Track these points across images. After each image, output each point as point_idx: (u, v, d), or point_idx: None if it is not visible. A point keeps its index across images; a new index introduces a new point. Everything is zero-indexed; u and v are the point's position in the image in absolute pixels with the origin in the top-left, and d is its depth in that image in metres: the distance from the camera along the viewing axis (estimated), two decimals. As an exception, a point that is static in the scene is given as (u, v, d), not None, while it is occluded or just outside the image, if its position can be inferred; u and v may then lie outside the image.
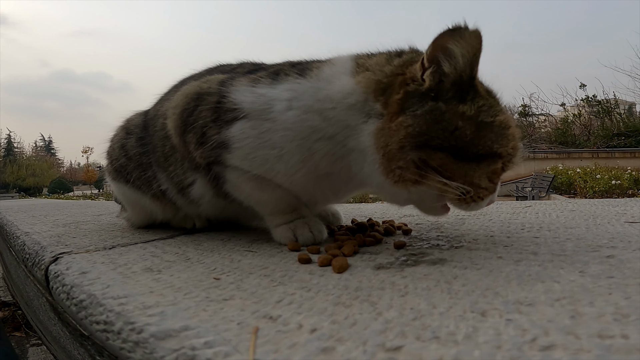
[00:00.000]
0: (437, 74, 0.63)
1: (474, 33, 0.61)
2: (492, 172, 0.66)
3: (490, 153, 0.64)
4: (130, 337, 0.42)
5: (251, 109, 0.73)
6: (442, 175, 0.63)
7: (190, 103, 0.80)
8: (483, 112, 0.63)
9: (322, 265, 0.61)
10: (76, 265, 0.70)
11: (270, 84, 0.74)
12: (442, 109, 0.63)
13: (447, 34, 0.61)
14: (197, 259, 0.71)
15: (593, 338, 0.31)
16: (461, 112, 0.63)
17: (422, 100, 0.64)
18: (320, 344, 0.34)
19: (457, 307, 0.40)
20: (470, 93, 0.64)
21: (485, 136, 0.63)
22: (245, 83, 0.76)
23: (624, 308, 0.37)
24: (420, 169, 0.63)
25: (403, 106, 0.64)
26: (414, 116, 0.63)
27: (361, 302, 0.44)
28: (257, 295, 0.49)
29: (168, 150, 0.90)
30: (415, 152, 0.62)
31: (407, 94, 0.64)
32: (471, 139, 0.62)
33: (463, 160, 0.63)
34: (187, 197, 0.93)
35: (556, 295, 0.42)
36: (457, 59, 0.62)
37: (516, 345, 0.31)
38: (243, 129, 0.73)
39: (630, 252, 0.60)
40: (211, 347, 0.35)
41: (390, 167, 0.64)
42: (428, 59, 0.63)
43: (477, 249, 0.68)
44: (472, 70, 0.64)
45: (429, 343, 0.33)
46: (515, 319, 0.36)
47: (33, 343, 1.28)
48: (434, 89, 0.63)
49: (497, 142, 0.64)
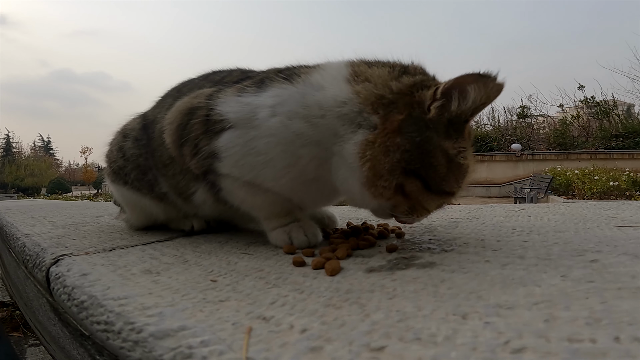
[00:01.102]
0: (444, 108, 0.65)
1: (497, 86, 0.63)
2: (442, 203, 0.74)
3: (450, 191, 0.69)
4: (130, 336, 0.44)
5: (237, 118, 0.76)
6: (407, 198, 0.68)
7: (184, 118, 0.84)
8: (459, 154, 0.67)
9: (315, 268, 0.63)
10: (77, 267, 0.71)
11: (255, 92, 0.77)
12: (434, 141, 0.66)
13: (475, 76, 0.63)
14: (194, 261, 0.73)
15: (562, 342, 0.33)
16: (445, 149, 0.66)
17: (421, 127, 0.66)
18: (310, 343, 0.37)
19: (441, 310, 0.42)
20: (457, 133, 0.67)
21: (453, 176, 0.68)
22: (231, 94, 0.79)
23: (598, 312, 0.39)
24: (396, 191, 0.67)
25: (402, 127, 0.66)
26: (412, 142, 0.65)
27: (351, 304, 0.46)
28: (252, 296, 0.51)
29: (166, 159, 0.93)
30: (402, 177, 0.66)
31: (409, 116, 0.66)
32: (443, 176, 0.67)
33: (429, 191, 0.68)
34: (189, 202, 0.96)
35: (535, 299, 0.44)
36: (467, 101, 0.65)
37: (490, 347, 0.33)
38: (230, 139, 0.76)
39: (615, 256, 0.62)
40: (207, 346, 0.38)
41: (375, 182, 0.67)
42: (443, 91, 0.65)
43: (466, 252, 0.70)
44: (472, 115, 0.67)
45: (410, 344, 0.35)
46: (493, 322, 0.38)
47: (31, 343, 1.29)
48: (435, 121, 0.66)
49: (457, 182, 0.69)
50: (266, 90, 0.76)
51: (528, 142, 14.92)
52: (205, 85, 0.91)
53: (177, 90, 1.02)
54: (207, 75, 1.01)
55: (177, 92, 1.00)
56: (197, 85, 0.96)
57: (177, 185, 0.94)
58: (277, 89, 0.75)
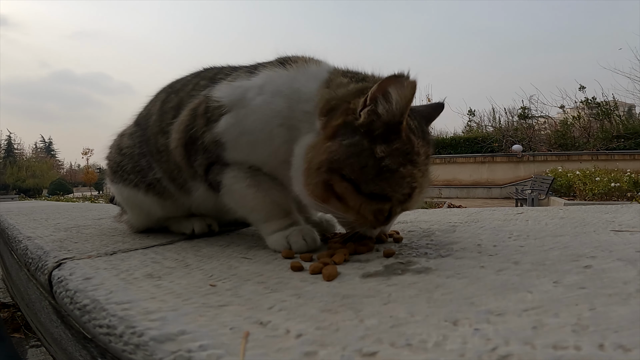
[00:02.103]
0: (374, 113, 0.69)
1: (411, 83, 0.66)
2: (377, 209, 0.73)
3: (381, 194, 0.71)
4: (131, 340, 0.45)
5: (230, 101, 0.81)
6: (341, 200, 0.71)
7: (190, 119, 0.88)
8: (390, 158, 0.69)
9: (313, 273, 0.64)
10: (79, 271, 0.73)
11: (247, 76, 0.83)
12: (363, 145, 0.69)
13: (392, 78, 0.67)
14: (196, 265, 0.74)
15: (547, 349, 0.34)
16: (374, 152, 0.69)
17: (353, 132, 0.70)
18: (304, 348, 0.38)
19: (433, 316, 0.44)
20: (392, 137, 0.70)
21: (384, 180, 0.69)
22: (225, 82, 0.85)
23: (586, 319, 0.40)
24: (327, 191, 0.71)
25: (337, 133, 0.71)
26: (340, 144, 0.70)
27: (347, 310, 0.47)
28: (252, 301, 0.52)
29: (160, 146, 0.98)
30: (327, 174, 0.69)
31: (344, 123, 0.71)
32: (371, 178, 0.69)
33: (360, 194, 0.70)
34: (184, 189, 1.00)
35: (526, 306, 0.45)
36: (391, 103, 0.67)
37: (477, 354, 0.34)
38: (227, 121, 0.81)
39: (610, 262, 0.63)
40: (205, 350, 0.39)
41: (307, 181, 0.72)
42: (370, 97, 0.69)
43: (463, 257, 0.71)
44: (401, 116, 0.68)
45: (401, 350, 0.36)
46: (482, 328, 0.39)
47: (32, 344, 1.30)
48: (365, 126, 0.69)
49: (392, 187, 0.70)
50: (257, 74, 0.82)
51: (529, 143, 14.92)
52: (200, 83, 0.95)
53: (170, 87, 1.06)
54: (198, 73, 1.04)
55: (170, 88, 1.05)
56: (190, 82, 1.00)
57: (171, 174, 0.99)
58: (269, 71, 0.81)
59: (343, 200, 0.71)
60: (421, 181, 0.73)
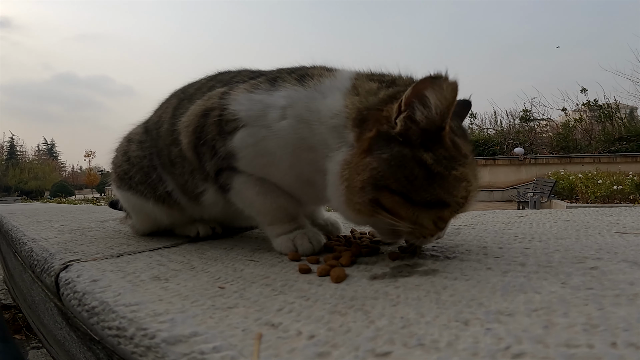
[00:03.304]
0: (410, 119, 0.64)
1: (451, 85, 0.61)
2: (438, 217, 0.70)
3: (437, 201, 0.66)
4: (142, 342, 0.46)
5: (248, 116, 0.78)
6: (392, 214, 0.67)
7: (200, 120, 0.85)
8: (440, 164, 0.65)
9: (320, 275, 0.65)
10: (87, 273, 0.73)
11: (268, 90, 0.78)
12: (406, 155, 0.65)
13: (428, 81, 0.62)
14: (201, 267, 0.74)
15: (560, 347, 0.35)
16: (421, 161, 0.65)
17: (390, 143, 0.65)
18: (317, 349, 0.38)
19: (443, 317, 0.44)
20: (435, 142, 0.66)
21: (437, 186, 0.65)
22: (243, 91, 0.80)
23: (595, 319, 0.41)
24: (375, 207, 0.67)
25: (372, 145, 0.66)
26: (380, 159, 0.65)
27: (355, 311, 0.48)
28: (259, 303, 0.53)
29: (174, 157, 0.95)
30: (374, 192, 0.66)
31: (378, 133, 0.66)
32: (423, 186, 0.65)
33: (411, 204, 0.66)
34: (195, 201, 0.97)
35: (535, 306, 0.45)
36: (430, 108, 0.63)
37: (490, 352, 0.35)
38: (244, 138, 0.79)
39: (615, 263, 0.63)
40: (219, 352, 0.39)
41: (352, 199, 0.68)
42: (405, 102, 0.64)
43: (468, 259, 0.71)
44: (442, 121, 0.64)
45: (414, 349, 0.36)
46: (494, 328, 0.40)
47: (33, 346, 1.31)
48: (403, 135, 0.65)
49: (448, 191, 0.66)
50: (278, 90, 0.77)
51: (531, 146, 14.93)
52: (216, 86, 0.92)
53: (182, 92, 1.03)
54: (214, 76, 1.02)
55: (182, 93, 1.02)
56: (205, 86, 0.97)
57: (185, 185, 0.96)
58: (289, 90, 0.76)
59: (394, 213, 0.67)
60: (474, 182, 0.69)
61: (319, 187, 0.77)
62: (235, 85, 0.85)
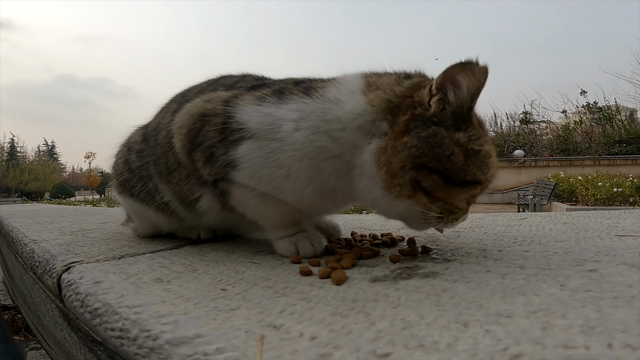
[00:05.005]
0: (442, 101, 0.68)
1: (482, 69, 0.66)
2: (471, 195, 0.74)
3: (474, 180, 0.70)
4: (145, 343, 0.46)
5: (257, 129, 0.76)
6: (430, 194, 0.69)
7: (197, 123, 0.82)
8: (473, 141, 0.69)
9: (322, 277, 0.65)
10: (89, 274, 0.73)
11: (276, 102, 0.77)
12: (442, 134, 0.68)
13: (459, 66, 0.66)
14: (203, 270, 0.75)
15: (558, 348, 0.35)
16: (457, 139, 0.68)
17: (425, 124, 0.68)
18: (319, 350, 0.39)
19: (443, 318, 0.45)
20: (465, 122, 0.69)
21: (473, 164, 0.69)
22: (250, 102, 0.78)
23: (593, 320, 0.41)
24: (414, 188, 0.69)
25: (408, 127, 0.69)
26: (418, 138, 0.67)
27: (357, 313, 0.48)
28: (261, 305, 0.53)
29: (172, 164, 0.93)
30: (414, 171, 0.68)
31: (413, 116, 0.69)
32: (461, 165, 0.68)
33: (450, 184, 0.69)
34: (192, 210, 0.95)
35: (534, 308, 0.46)
36: (462, 90, 0.67)
37: (490, 354, 0.35)
38: (250, 149, 0.76)
39: (613, 266, 0.64)
40: (222, 353, 0.40)
41: (392, 183, 0.69)
42: (437, 86, 0.68)
43: (468, 262, 0.71)
44: (472, 102, 0.69)
45: (414, 351, 0.37)
46: (493, 329, 0.40)
47: (32, 347, 1.32)
48: (437, 115, 0.68)
49: (481, 169, 0.69)
50: (287, 103, 0.76)
51: (531, 149, 14.93)
52: (217, 89, 0.90)
53: (182, 95, 1.02)
54: (216, 80, 1.01)
55: (182, 97, 1.00)
56: (206, 90, 0.95)
57: (181, 192, 0.94)
58: (298, 102, 0.76)
59: (431, 194, 0.69)
60: (496, 157, 0.73)
61: (344, 193, 0.78)
62: (240, 92, 0.84)
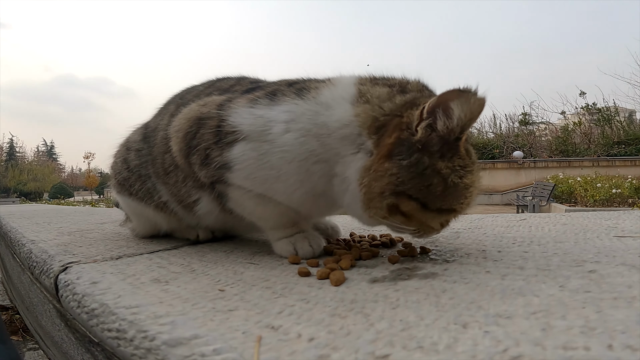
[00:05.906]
0: (431, 127, 0.66)
1: (478, 100, 0.63)
2: (445, 220, 0.75)
3: (449, 208, 0.70)
4: (142, 344, 0.46)
5: (250, 130, 0.76)
6: (407, 217, 0.70)
7: (193, 127, 0.83)
8: (455, 173, 0.68)
9: (320, 278, 0.65)
10: (86, 275, 0.73)
11: (268, 104, 0.77)
12: (425, 163, 0.66)
13: (456, 92, 0.63)
14: (201, 270, 0.74)
15: (558, 349, 0.35)
16: (439, 169, 0.67)
17: (410, 149, 0.67)
18: (317, 351, 0.38)
19: (442, 319, 0.44)
20: (451, 151, 0.68)
21: (451, 195, 0.68)
22: (243, 104, 0.79)
23: (593, 321, 0.41)
24: (391, 211, 0.69)
25: (392, 152, 0.67)
26: (400, 166, 0.66)
27: (355, 314, 0.48)
28: (259, 306, 0.53)
29: (168, 166, 0.93)
30: (393, 197, 0.68)
31: (398, 140, 0.67)
32: (439, 195, 0.68)
33: (426, 210, 0.69)
34: (191, 211, 0.96)
35: (533, 309, 0.46)
36: (452, 119, 0.64)
37: (489, 355, 0.35)
38: (243, 151, 0.77)
39: (613, 267, 0.64)
40: (219, 354, 0.39)
41: (369, 205, 0.69)
42: (428, 110, 0.65)
43: (467, 263, 0.71)
44: (461, 133, 0.66)
45: (413, 352, 0.37)
46: (492, 330, 0.40)
47: (30, 347, 1.31)
48: (423, 142, 0.66)
49: (457, 200, 0.69)
50: (279, 104, 0.76)
51: (530, 150, 14.93)
52: (213, 93, 0.91)
53: (180, 97, 1.02)
54: (213, 83, 1.01)
55: (180, 99, 1.01)
56: (203, 93, 0.96)
57: (178, 193, 0.94)
58: (290, 104, 0.76)
59: (409, 217, 0.70)
60: (478, 186, 0.72)
61: (334, 197, 0.78)
62: (234, 95, 0.85)
